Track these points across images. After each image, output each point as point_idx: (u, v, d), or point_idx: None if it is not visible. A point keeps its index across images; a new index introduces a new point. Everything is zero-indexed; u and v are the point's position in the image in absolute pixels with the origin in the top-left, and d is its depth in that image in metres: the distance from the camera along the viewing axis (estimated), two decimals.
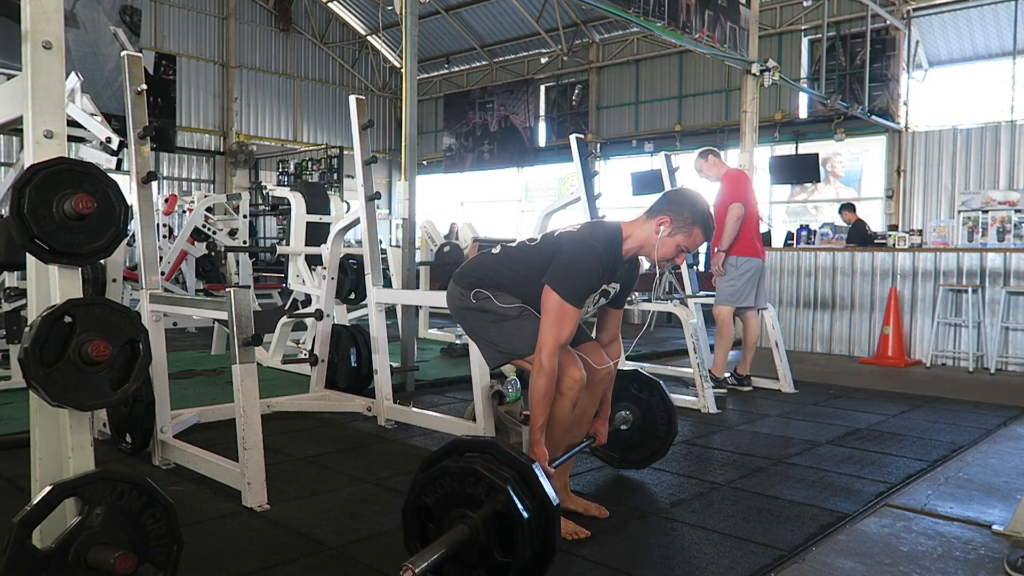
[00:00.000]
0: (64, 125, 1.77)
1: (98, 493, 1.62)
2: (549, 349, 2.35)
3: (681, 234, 2.48)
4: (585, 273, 2.41)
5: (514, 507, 1.86)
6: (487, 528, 1.89)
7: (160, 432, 3.20)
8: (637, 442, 3.10)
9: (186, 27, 17.47)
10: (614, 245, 2.49)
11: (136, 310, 2.10)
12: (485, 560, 1.90)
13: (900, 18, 12.67)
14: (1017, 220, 6.76)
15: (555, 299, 2.38)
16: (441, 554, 1.84)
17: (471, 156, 19.38)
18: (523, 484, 1.92)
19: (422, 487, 1.98)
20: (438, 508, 1.96)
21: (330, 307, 4.44)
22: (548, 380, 2.35)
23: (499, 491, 1.88)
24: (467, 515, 1.90)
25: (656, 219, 2.49)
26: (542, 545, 1.91)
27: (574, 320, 2.41)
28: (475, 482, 1.91)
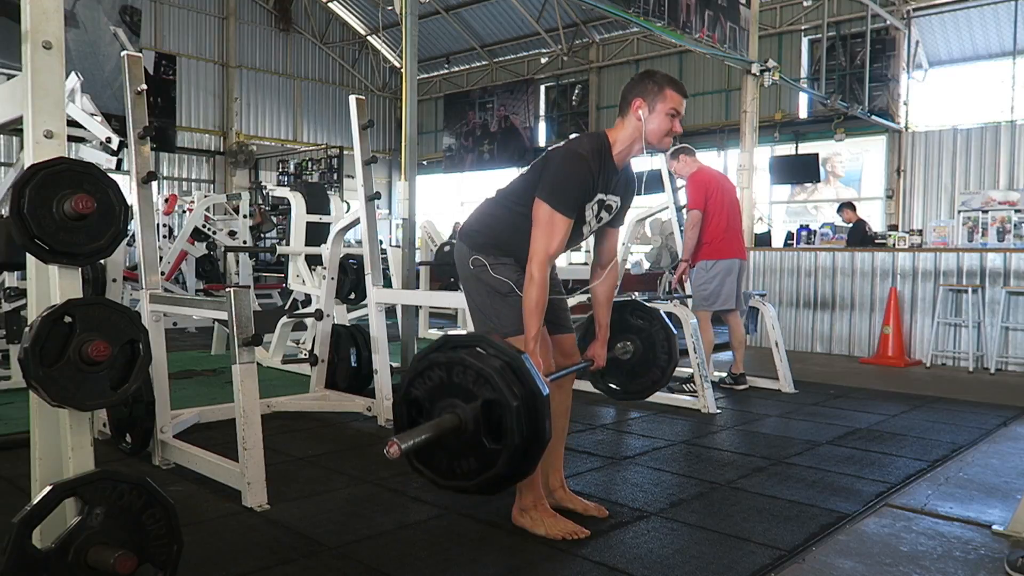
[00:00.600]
0: (64, 125, 1.77)
1: (98, 493, 1.62)
2: (539, 259, 2.36)
3: (659, 102, 2.47)
4: (573, 180, 2.40)
5: (502, 394, 1.86)
6: (475, 417, 1.89)
7: (160, 432, 3.20)
8: (638, 372, 3.08)
9: (186, 27, 17.46)
10: (603, 151, 2.48)
11: (136, 310, 2.09)
12: (475, 448, 1.90)
13: (900, 18, 12.67)
14: (1017, 220, 6.76)
15: (545, 210, 2.39)
16: (428, 436, 1.85)
17: (471, 156, 19.38)
18: (511, 373, 1.92)
19: (411, 380, 1.99)
20: (428, 400, 1.97)
21: (330, 307, 4.44)
22: (540, 290, 2.36)
23: (487, 379, 1.88)
24: (456, 404, 1.91)
25: (631, 109, 2.50)
26: (531, 432, 1.90)
27: (564, 230, 2.39)
28: (463, 371, 1.92)
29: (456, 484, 1.98)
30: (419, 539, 2.44)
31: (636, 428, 4.13)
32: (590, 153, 2.43)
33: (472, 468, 1.93)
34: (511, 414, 1.86)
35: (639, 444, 3.76)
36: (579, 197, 2.43)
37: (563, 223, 2.39)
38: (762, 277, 7.92)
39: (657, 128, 2.47)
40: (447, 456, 1.94)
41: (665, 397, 4.80)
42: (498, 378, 1.88)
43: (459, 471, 1.96)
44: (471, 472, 1.94)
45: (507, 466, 1.90)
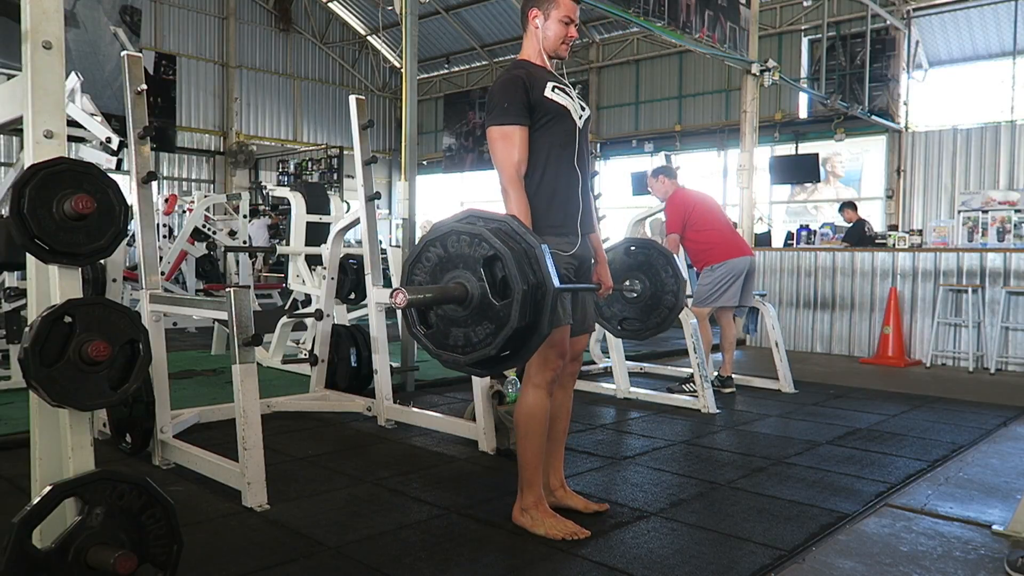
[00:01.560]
0: (64, 125, 1.77)
1: (98, 493, 1.62)
2: (508, 174, 2.41)
3: (553, 9, 2.53)
4: (501, 90, 2.45)
5: (499, 248, 1.92)
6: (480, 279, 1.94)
7: (160, 432, 3.20)
8: (652, 304, 3.09)
9: (186, 27, 17.46)
10: (520, 64, 2.54)
11: (136, 310, 2.09)
12: (486, 311, 1.94)
13: (900, 18, 12.66)
14: (1017, 220, 6.76)
15: (494, 131, 2.44)
16: (433, 295, 1.91)
17: (471, 156, 19.38)
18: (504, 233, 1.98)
19: (411, 267, 2.06)
20: (431, 283, 2.02)
21: (330, 307, 4.44)
22: (517, 200, 2.38)
23: (484, 239, 1.94)
24: (459, 275, 1.97)
25: (529, 21, 2.56)
26: (536, 279, 1.95)
27: (519, 139, 2.42)
28: (458, 239, 1.99)
29: (479, 354, 2.00)
30: (419, 539, 2.44)
31: (636, 428, 4.13)
32: (509, 70, 2.51)
33: (489, 331, 1.96)
34: (511, 263, 1.90)
35: (639, 444, 3.76)
36: (517, 99, 2.44)
37: (516, 131, 2.42)
38: (762, 277, 7.92)
39: (553, 35, 2.55)
40: (462, 331, 1.98)
41: (665, 397, 4.80)
42: (493, 237, 1.93)
43: (477, 339, 1.98)
44: (489, 335, 1.96)
45: (520, 317, 1.92)
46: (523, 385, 2.51)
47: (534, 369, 2.46)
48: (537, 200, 2.45)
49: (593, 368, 5.91)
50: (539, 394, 2.47)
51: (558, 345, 2.45)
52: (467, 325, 1.97)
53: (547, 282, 1.95)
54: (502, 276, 1.92)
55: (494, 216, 2.05)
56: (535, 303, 1.94)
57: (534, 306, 1.94)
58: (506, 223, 2.02)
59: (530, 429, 2.47)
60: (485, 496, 2.86)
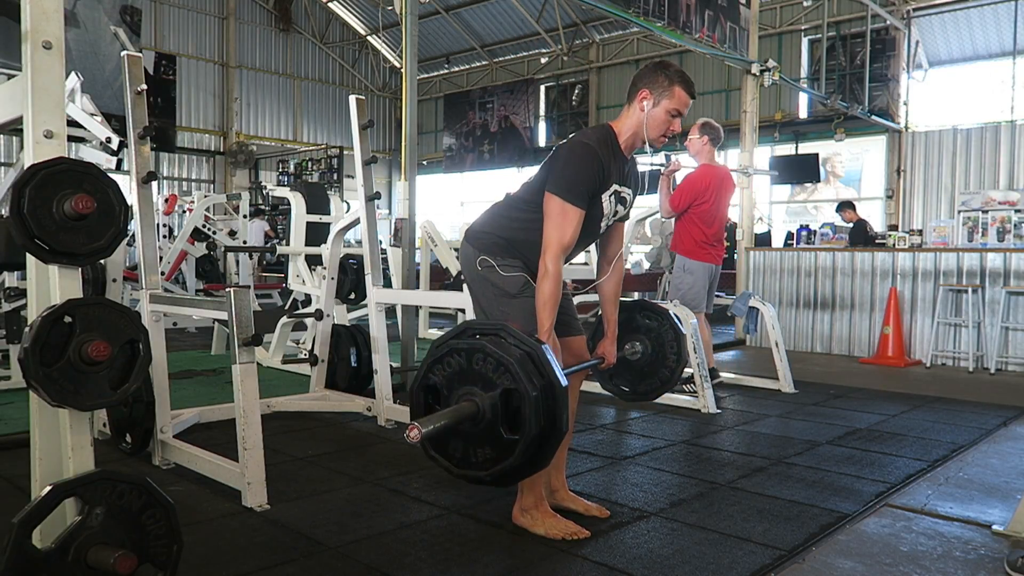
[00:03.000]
0: (64, 125, 1.77)
1: (98, 493, 1.62)
2: (553, 252, 2.36)
3: (664, 99, 2.47)
4: (581, 169, 2.40)
5: (521, 383, 1.86)
6: (494, 405, 1.89)
7: (160, 432, 3.20)
8: (648, 372, 3.08)
9: (186, 27, 17.47)
10: (609, 140, 2.49)
11: (136, 310, 2.09)
12: (491, 437, 1.90)
13: (900, 18, 12.66)
14: (1017, 220, 6.75)
15: (556, 202, 2.38)
16: (446, 422, 1.85)
17: (471, 156, 19.38)
18: (531, 363, 1.91)
19: (430, 366, 1.99)
20: (446, 387, 1.96)
21: (330, 307, 4.44)
22: (554, 283, 2.35)
23: (507, 367, 1.88)
24: (475, 392, 1.91)
25: (637, 98, 2.50)
26: (549, 423, 1.90)
27: (577, 221, 2.38)
28: (483, 359, 1.91)
29: (471, 474, 1.98)
30: (419, 539, 2.44)
31: (636, 428, 4.13)
32: (597, 143, 2.44)
33: (488, 457, 1.93)
34: (530, 404, 1.86)
35: (639, 444, 3.76)
36: (589, 186, 2.42)
37: (575, 214, 2.38)
38: (762, 277, 7.92)
39: (656, 124, 2.48)
40: (463, 444, 1.93)
41: (665, 397, 4.80)
42: (518, 367, 1.88)
43: (475, 460, 1.95)
44: (487, 461, 1.93)
45: (523, 456, 1.89)
46: None
47: None
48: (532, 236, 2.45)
49: None
50: None
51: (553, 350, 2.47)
52: (483, 442, 1.94)
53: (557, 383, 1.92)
54: (516, 407, 1.89)
55: (525, 341, 1.97)
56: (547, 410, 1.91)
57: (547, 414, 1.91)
58: (535, 352, 1.94)
59: None
60: (485, 496, 2.86)
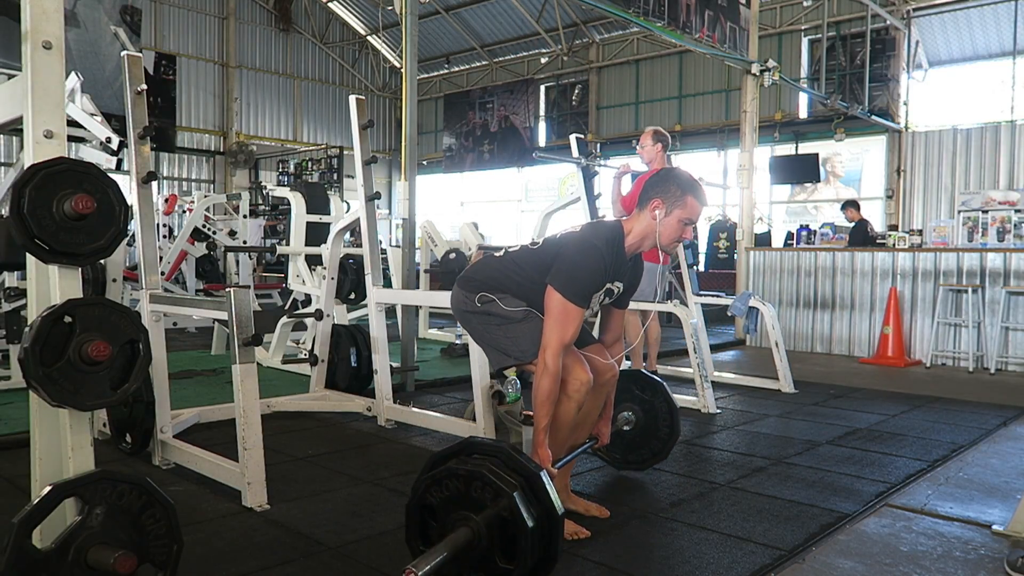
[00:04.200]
0: (64, 125, 1.77)
1: (98, 493, 1.62)
2: (553, 350, 2.35)
3: (677, 208, 2.47)
4: (588, 272, 2.42)
5: (519, 515, 1.86)
6: (490, 533, 1.88)
7: (160, 432, 3.20)
8: (639, 443, 3.10)
9: (186, 27, 17.46)
10: (616, 243, 2.50)
11: (136, 310, 2.09)
12: (486, 565, 1.89)
13: (900, 18, 12.66)
14: (1017, 220, 6.76)
15: (558, 299, 2.39)
16: (443, 557, 1.84)
17: (471, 156, 19.37)
18: (529, 491, 1.91)
19: (427, 486, 1.98)
20: (442, 509, 1.95)
21: (330, 307, 4.44)
22: (552, 381, 2.35)
23: (505, 497, 1.87)
24: (471, 518, 1.89)
25: (649, 206, 2.50)
26: (544, 553, 1.91)
27: (578, 320, 2.41)
28: (481, 486, 1.90)
29: None
30: None
31: None
32: (605, 245, 2.45)
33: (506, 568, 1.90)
34: (526, 537, 1.85)
35: None
36: (591, 288, 2.45)
37: (576, 313, 2.40)
38: (762, 277, 7.93)
39: (669, 232, 2.49)
40: (457, 568, 1.91)
41: None
42: (517, 498, 1.87)
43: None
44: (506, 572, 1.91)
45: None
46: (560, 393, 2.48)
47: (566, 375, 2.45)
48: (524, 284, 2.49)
49: None
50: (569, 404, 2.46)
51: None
52: (478, 568, 1.91)
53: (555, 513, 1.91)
54: (512, 535, 1.87)
55: (522, 466, 1.94)
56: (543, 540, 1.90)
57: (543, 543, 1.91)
58: (533, 479, 1.93)
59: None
60: None
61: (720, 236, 13.54)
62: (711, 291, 5.90)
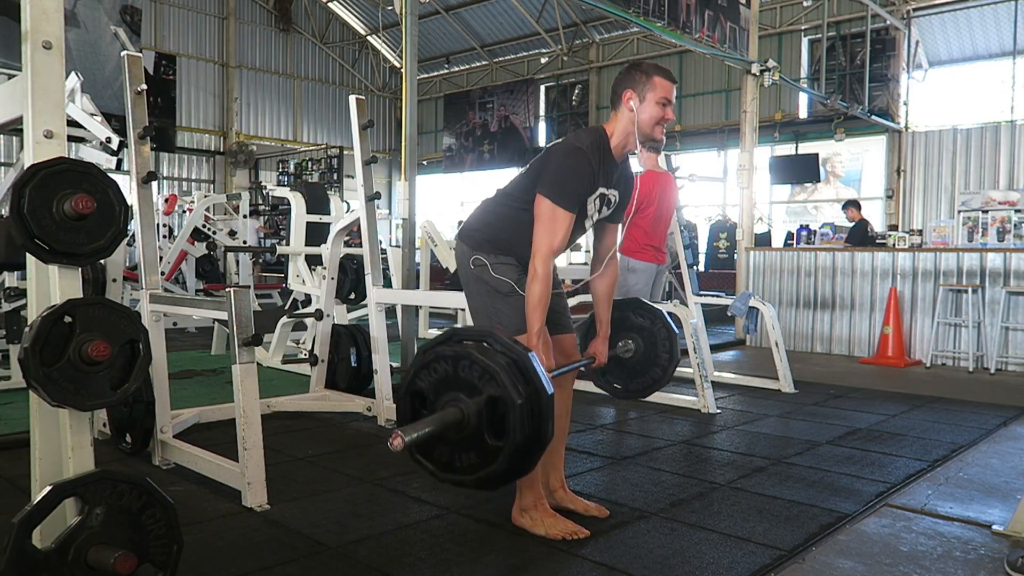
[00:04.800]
0: (64, 125, 1.77)
1: (98, 493, 1.62)
2: (543, 255, 2.37)
3: (649, 92, 2.48)
4: (574, 174, 2.41)
5: (507, 391, 1.87)
6: (479, 412, 1.90)
7: (160, 432, 3.20)
8: (639, 370, 3.08)
9: (186, 27, 17.46)
10: (602, 144, 2.49)
11: (136, 310, 2.09)
12: (476, 444, 1.91)
13: (900, 18, 12.66)
14: (1017, 220, 6.76)
15: (547, 205, 2.39)
16: (430, 429, 1.86)
17: (471, 156, 19.38)
18: (517, 370, 1.92)
19: (417, 371, 2.00)
20: (432, 392, 1.98)
21: (330, 307, 4.44)
22: (543, 286, 2.37)
23: (493, 375, 1.89)
24: (460, 399, 1.92)
25: (623, 101, 2.51)
26: (534, 431, 1.91)
27: (567, 224, 2.40)
28: (469, 366, 1.92)
29: (455, 478, 1.99)
30: (419, 539, 2.44)
31: (636, 428, 4.13)
32: (589, 147, 2.45)
33: (472, 463, 1.94)
34: (515, 412, 1.86)
35: (639, 444, 3.76)
36: (580, 191, 2.43)
37: (565, 218, 2.39)
38: (762, 277, 7.93)
39: (649, 117, 2.49)
40: (448, 449, 1.95)
41: (665, 397, 4.80)
42: (504, 375, 1.88)
43: (459, 465, 1.97)
44: (471, 467, 1.94)
45: (507, 463, 1.90)
46: None
47: None
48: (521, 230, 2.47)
49: None
50: None
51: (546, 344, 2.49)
52: (467, 447, 1.94)
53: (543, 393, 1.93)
54: (501, 414, 1.89)
55: (511, 348, 1.97)
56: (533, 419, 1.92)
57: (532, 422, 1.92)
58: (522, 360, 1.95)
59: None
60: (485, 496, 2.86)
61: (720, 236, 13.55)
62: (711, 291, 5.91)
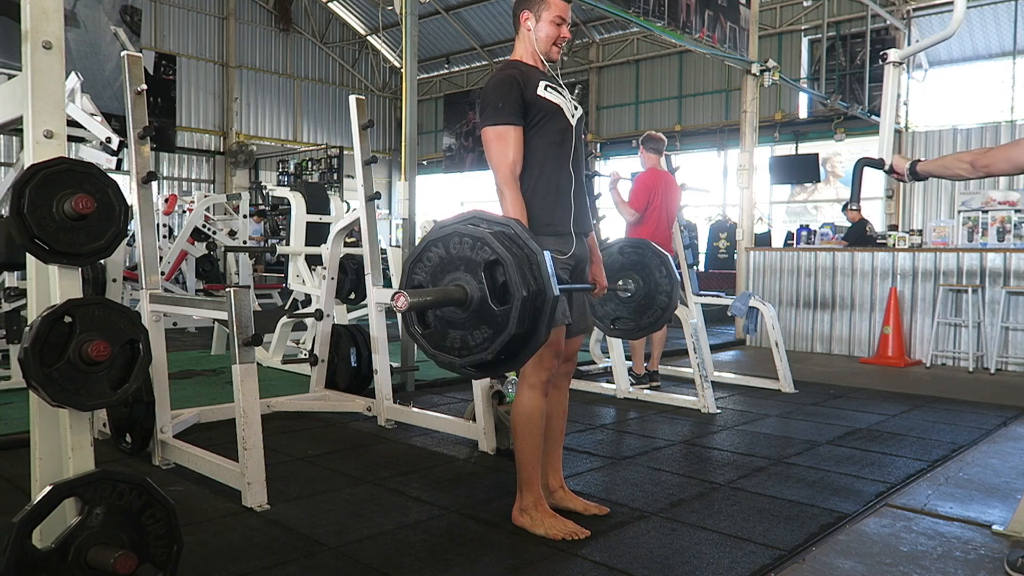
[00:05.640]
0: (64, 125, 1.77)
1: (98, 493, 1.62)
2: (503, 174, 2.41)
3: (544, 11, 2.55)
4: (496, 90, 2.45)
5: (501, 253, 1.91)
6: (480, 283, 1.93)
7: (160, 432, 3.20)
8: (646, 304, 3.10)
9: (186, 27, 17.46)
10: (516, 65, 2.54)
11: (136, 310, 2.09)
12: (485, 315, 1.93)
13: (900, 18, 12.66)
14: (1017, 220, 6.76)
15: (489, 131, 2.44)
16: (433, 298, 1.90)
17: (471, 156, 19.37)
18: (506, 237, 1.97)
19: (411, 268, 2.05)
20: (430, 283, 2.02)
21: (330, 307, 4.44)
22: (513, 202, 2.39)
23: (485, 242, 1.92)
24: (459, 277, 1.96)
25: (521, 22, 2.60)
26: (537, 285, 1.94)
27: (515, 139, 2.43)
28: (460, 241, 1.97)
29: (474, 359, 1.99)
30: (419, 539, 2.44)
31: (636, 428, 4.13)
32: (504, 69, 2.51)
33: (486, 335, 1.95)
34: (513, 269, 1.88)
35: (639, 444, 3.76)
36: (512, 99, 2.44)
37: (511, 132, 2.42)
38: (762, 277, 7.93)
39: (545, 36, 2.57)
40: (459, 333, 1.96)
41: (665, 397, 4.81)
42: (495, 240, 1.91)
43: (474, 343, 1.97)
44: (485, 340, 1.95)
45: (519, 324, 1.91)
46: (519, 386, 2.52)
47: (529, 369, 2.46)
48: (533, 200, 2.46)
49: (593, 368, 5.91)
50: (534, 394, 2.48)
51: (554, 344, 2.45)
52: (465, 328, 1.96)
53: (547, 289, 1.94)
54: (503, 281, 1.91)
55: (497, 219, 2.05)
56: (534, 309, 1.93)
57: (533, 313, 1.93)
58: (509, 226, 2.01)
59: (527, 429, 2.48)
60: (485, 496, 2.86)
61: (720, 236, 13.55)
62: (711, 291, 5.90)
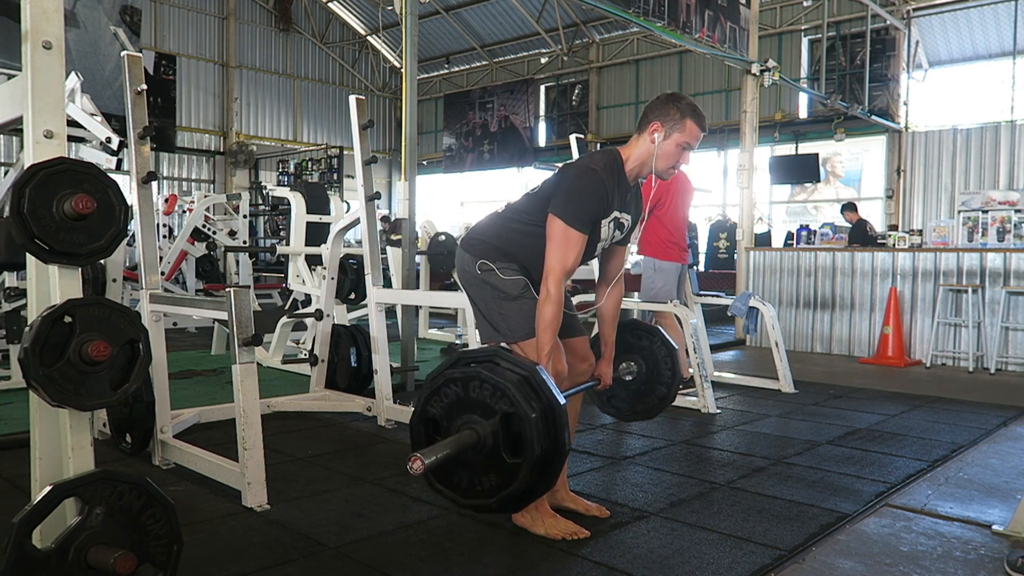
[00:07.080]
0: (64, 125, 1.77)
1: (98, 493, 1.62)
2: (556, 276, 2.36)
3: (676, 132, 2.48)
4: (587, 196, 2.40)
5: (520, 406, 1.86)
6: (494, 431, 1.89)
7: (160, 432, 3.20)
8: (644, 391, 3.09)
9: (186, 27, 17.45)
10: (615, 167, 2.49)
11: (136, 310, 2.09)
12: (495, 463, 1.90)
13: (900, 18, 12.66)
14: (1017, 220, 6.76)
15: (559, 226, 2.38)
16: (449, 452, 1.85)
17: (471, 156, 19.37)
18: (528, 385, 1.92)
19: (427, 398, 1.99)
20: (445, 417, 1.97)
21: (330, 307, 4.44)
22: (555, 307, 2.35)
23: (504, 392, 1.88)
24: (474, 420, 1.91)
25: (648, 129, 2.50)
26: (551, 443, 1.90)
27: (579, 246, 2.40)
28: (480, 386, 1.91)
29: (477, 502, 1.98)
30: (419, 539, 2.44)
31: (636, 428, 4.13)
32: (603, 169, 2.44)
33: (493, 484, 1.92)
34: (530, 426, 1.85)
35: (639, 444, 3.76)
36: (593, 212, 2.43)
37: (578, 239, 2.39)
38: (762, 277, 7.93)
39: (666, 156, 2.49)
40: (467, 474, 1.92)
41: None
42: (515, 391, 1.87)
43: (480, 488, 1.95)
44: (492, 488, 1.93)
45: (527, 480, 1.89)
46: None
47: None
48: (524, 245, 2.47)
49: None
50: None
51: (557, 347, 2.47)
52: (474, 471, 1.94)
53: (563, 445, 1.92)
54: (518, 431, 1.89)
55: (520, 363, 1.98)
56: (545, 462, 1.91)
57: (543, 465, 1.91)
58: (531, 374, 1.95)
59: None
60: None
61: (720, 236, 13.54)
62: (711, 291, 5.90)
